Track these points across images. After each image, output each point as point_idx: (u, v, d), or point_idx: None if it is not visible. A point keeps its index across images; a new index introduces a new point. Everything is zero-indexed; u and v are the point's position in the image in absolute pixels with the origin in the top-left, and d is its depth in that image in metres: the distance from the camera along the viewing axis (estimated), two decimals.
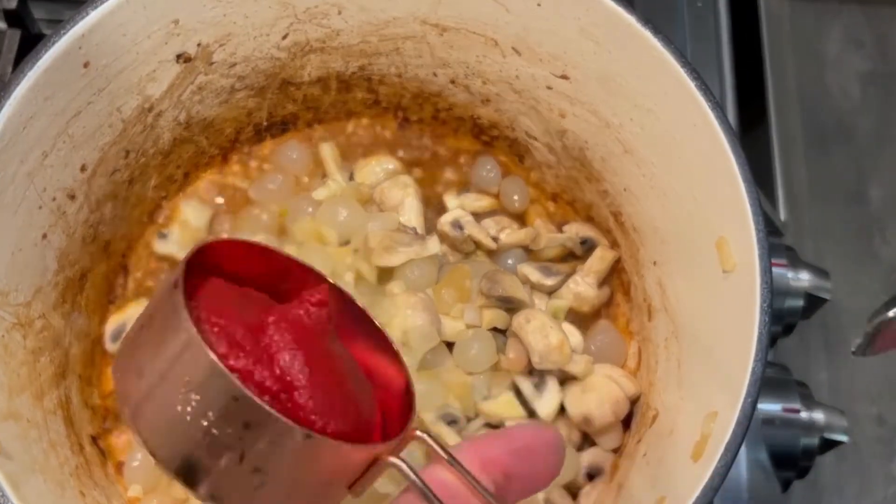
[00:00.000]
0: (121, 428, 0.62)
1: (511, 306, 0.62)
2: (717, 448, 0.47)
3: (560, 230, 0.68)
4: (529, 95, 0.64)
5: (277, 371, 0.38)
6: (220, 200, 0.69)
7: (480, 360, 0.61)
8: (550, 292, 0.65)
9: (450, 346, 0.61)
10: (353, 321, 0.45)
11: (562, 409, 0.61)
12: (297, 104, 0.69)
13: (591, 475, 0.61)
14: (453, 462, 0.38)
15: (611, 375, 0.62)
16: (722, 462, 0.46)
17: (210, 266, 0.41)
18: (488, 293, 0.62)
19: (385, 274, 0.63)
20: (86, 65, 0.54)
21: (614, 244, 0.66)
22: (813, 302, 0.71)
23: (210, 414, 0.36)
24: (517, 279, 0.64)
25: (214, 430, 0.36)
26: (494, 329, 0.62)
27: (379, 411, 0.42)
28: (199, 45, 0.60)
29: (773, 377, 0.71)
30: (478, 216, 0.67)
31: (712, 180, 0.53)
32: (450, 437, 0.58)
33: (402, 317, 0.61)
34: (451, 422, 0.59)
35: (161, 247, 0.67)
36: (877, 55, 1.00)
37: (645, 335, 0.63)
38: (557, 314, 0.64)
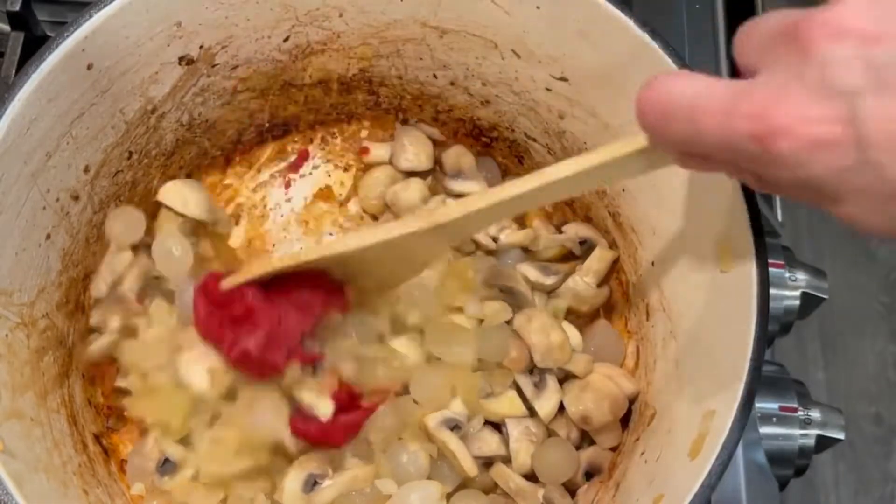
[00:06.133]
0: (122, 427, 0.63)
1: (513, 300, 0.63)
2: (715, 446, 0.47)
3: (559, 231, 0.68)
4: (529, 97, 0.65)
5: None
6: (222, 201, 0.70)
7: (499, 352, 0.61)
8: (549, 292, 0.66)
9: None
10: None
11: (561, 408, 0.61)
12: (299, 106, 0.70)
13: (590, 473, 0.61)
14: None
15: (609, 374, 0.62)
16: (719, 460, 0.47)
17: None
18: (491, 282, 0.62)
19: None
20: (89, 67, 0.55)
21: (613, 244, 0.67)
22: (810, 301, 0.71)
23: None
24: (518, 274, 0.64)
25: None
26: None
27: None
28: (201, 47, 0.60)
29: (770, 376, 0.71)
30: None
31: (710, 181, 0.53)
32: (453, 442, 0.58)
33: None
34: (454, 427, 0.59)
35: None
36: None
37: (643, 335, 0.63)
38: (557, 313, 0.64)
